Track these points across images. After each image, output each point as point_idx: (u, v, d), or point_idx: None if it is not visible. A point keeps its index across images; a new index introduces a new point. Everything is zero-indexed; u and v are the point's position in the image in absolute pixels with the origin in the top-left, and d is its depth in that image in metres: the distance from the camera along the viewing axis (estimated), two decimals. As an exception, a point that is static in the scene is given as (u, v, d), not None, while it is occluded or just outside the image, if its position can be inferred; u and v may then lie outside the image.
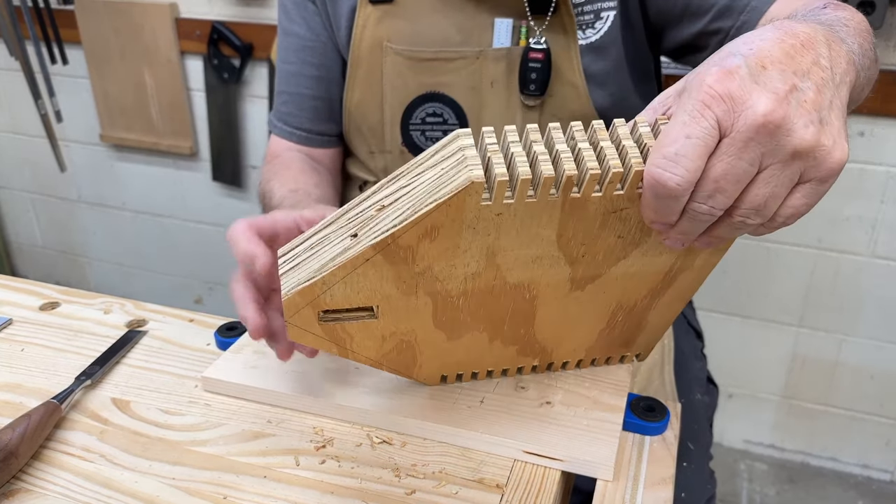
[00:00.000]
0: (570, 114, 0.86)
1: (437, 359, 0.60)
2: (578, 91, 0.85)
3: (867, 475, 1.81)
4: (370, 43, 0.88)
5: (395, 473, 0.58)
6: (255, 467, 0.59)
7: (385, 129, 0.91)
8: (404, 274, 0.49)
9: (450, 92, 0.87)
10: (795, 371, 1.76)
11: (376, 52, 0.88)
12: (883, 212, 1.55)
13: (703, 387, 0.95)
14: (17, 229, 2.47)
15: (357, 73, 0.90)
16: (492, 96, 0.86)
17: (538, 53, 0.83)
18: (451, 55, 0.86)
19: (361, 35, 0.88)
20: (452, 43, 0.86)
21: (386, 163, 0.94)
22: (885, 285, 1.61)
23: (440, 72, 0.87)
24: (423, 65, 0.87)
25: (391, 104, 0.89)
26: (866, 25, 0.61)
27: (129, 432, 0.62)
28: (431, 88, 0.87)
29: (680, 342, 0.92)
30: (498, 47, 0.85)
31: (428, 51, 0.86)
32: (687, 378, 0.91)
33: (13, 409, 0.65)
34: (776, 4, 0.75)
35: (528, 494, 0.56)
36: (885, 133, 1.48)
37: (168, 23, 1.85)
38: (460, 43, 0.86)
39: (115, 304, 0.82)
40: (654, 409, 0.64)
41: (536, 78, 0.84)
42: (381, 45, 0.88)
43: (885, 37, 1.40)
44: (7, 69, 2.12)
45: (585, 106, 0.86)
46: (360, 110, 0.92)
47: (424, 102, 0.88)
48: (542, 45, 0.83)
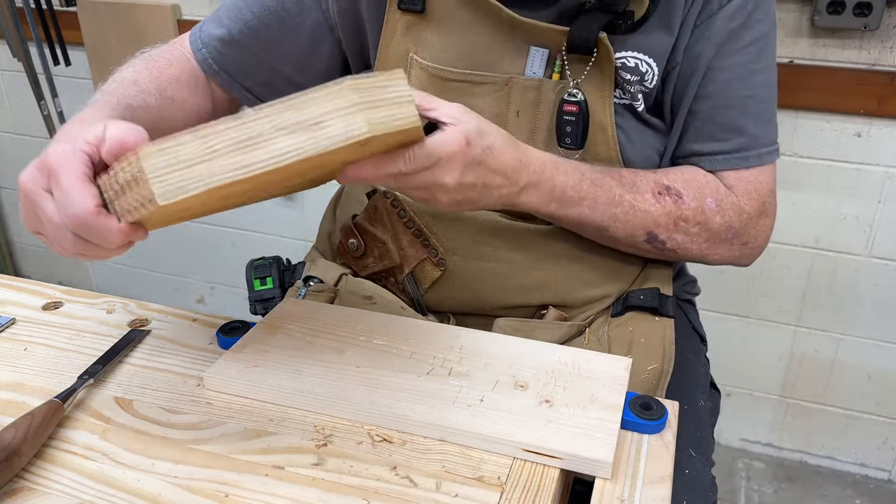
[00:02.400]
0: (596, 156, 0.84)
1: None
2: (607, 136, 0.82)
3: (864, 474, 1.82)
4: (397, 51, 0.85)
5: (395, 472, 0.59)
6: (257, 466, 0.59)
7: None
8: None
9: None
10: (793, 370, 1.77)
11: (402, 62, 0.85)
12: (880, 212, 1.55)
13: (706, 392, 0.94)
14: (19, 229, 2.48)
15: None
16: (515, 125, 0.83)
17: (572, 106, 0.80)
18: (478, 79, 0.82)
19: (389, 42, 0.85)
20: (481, 66, 0.82)
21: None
22: (882, 285, 1.62)
23: (465, 93, 0.83)
24: (448, 84, 0.83)
25: None
26: (651, 220, 0.81)
27: (132, 431, 0.63)
28: None
29: (683, 348, 0.90)
30: (529, 77, 0.81)
31: (455, 71, 0.83)
32: (690, 384, 0.90)
33: (16, 409, 0.65)
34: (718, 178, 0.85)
35: (527, 493, 0.57)
36: (882, 134, 1.49)
37: (170, 24, 1.86)
38: (490, 66, 0.82)
39: (117, 304, 0.82)
40: (652, 407, 0.64)
41: (571, 132, 0.81)
42: (407, 55, 0.85)
43: (882, 38, 1.41)
44: (10, 70, 2.13)
45: (612, 151, 0.83)
46: None
47: None
48: (577, 98, 0.80)
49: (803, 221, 1.61)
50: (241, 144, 0.52)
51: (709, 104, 0.82)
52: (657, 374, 0.83)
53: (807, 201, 1.59)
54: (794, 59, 1.47)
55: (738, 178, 0.85)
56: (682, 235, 0.83)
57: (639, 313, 0.88)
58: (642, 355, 0.83)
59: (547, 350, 0.71)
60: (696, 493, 0.78)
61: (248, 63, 0.93)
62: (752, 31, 0.80)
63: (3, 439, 0.57)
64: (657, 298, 0.88)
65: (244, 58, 0.93)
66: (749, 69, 0.81)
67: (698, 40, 0.80)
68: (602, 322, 0.89)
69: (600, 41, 0.77)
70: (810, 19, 1.42)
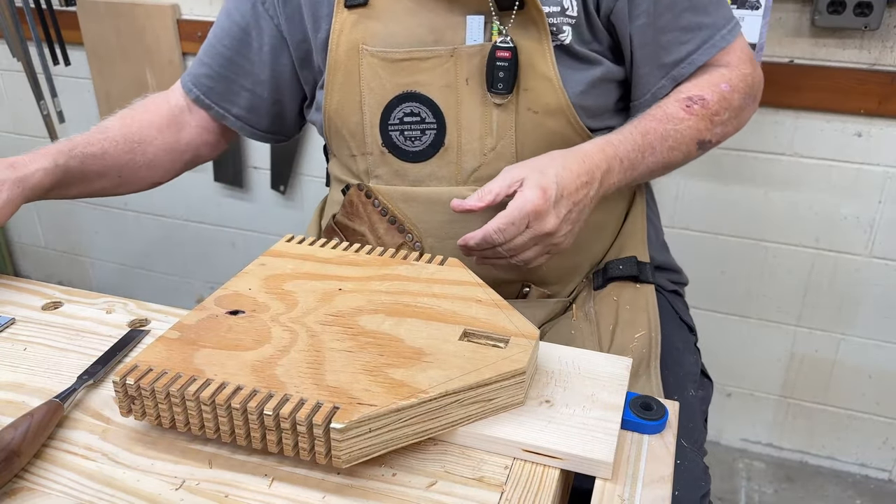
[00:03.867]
0: (545, 107, 0.87)
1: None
2: (553, 84, 0.86)
3: (865, 474, 1.82)
4: (347, 47, 0.89)
5: (394, 472, 0.59)
6: (257, 466, 0.59)
7: (365, 131, 0.92)
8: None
9: (426, 91, 0.88)
10: (793, 370, 1.77)
11: (353, 56, 0.89)
12: (880, 212, 1.55)
13: (697, 382, 0.95)
14: (19, 230, 2.48)
15: (335, 78, 0.91)
16: (467, 93, 0.88)
17: (505, 52, 0.84)
18: (424, 54, 0.87)
19: (338, 40, 0.89)
20: (426, 43, 0.87)
21: (367, 165, 0.95)
22: (882, 285, 1.62)
23: (415, 71, 0.88)
24: (397, 65, 0.88)
25: (369, 105, 0.90)
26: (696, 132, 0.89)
27: (131, 431, 0.63)
28: (407, 88, 0.89)
29: (671, 337, 0.92)
30: (471, 44, 0.86)
31: (401, 51, 0.87)
32: (680, 374, 0.92)
33: (16, 409, 0.65)
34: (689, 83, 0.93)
35: (527, 493, 0.57)
36: (883, 133, 1.49)
37: (170, 24, 1.86)
38: (433, 42, 0.87)
39: (117, 304, 0.82)
40: (652, 407, 0.64)
41: (504, 77, 0.85)
42: (358, 48, 0.89)
43: (882, 37, 1.41)
44: (9, 70, 2.13)
45: (561, 99, 0.87)
46: (340, 114, 0.93)
47: (402, 102, 0.89)
48: (509, 44, 0.84)
49: (804, 221, 1.61)
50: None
51: (667, 17, 0.88)
52: (646, 342, 0.85)
53: (807, 201, 1.59)
54: (794, 58, 1.47)
55: (723, 57, 0.93)
56: (720, 128, 0.91)
57: (620, 283, 0.93)
58: (628, 324, 0.88)
59: (547, 350, 0.71)
60: (688, 482, 0.78)
61: (232, 91, 1.02)
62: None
63: (3, 439, 0.57)
64: (636, 266, 0.94)
65: (228, 87, 1.02)
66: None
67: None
68: (586, 296, 0.94)
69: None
70: (811, 19, 1.41)
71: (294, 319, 0.67)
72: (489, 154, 0.89)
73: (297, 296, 0.71)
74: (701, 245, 1.69)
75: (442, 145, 0.90)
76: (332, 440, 0.54)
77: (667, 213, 1.68)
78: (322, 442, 0.55)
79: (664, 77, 0.91)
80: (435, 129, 0.90)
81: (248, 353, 0.62)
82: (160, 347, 0.63)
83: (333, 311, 0.68)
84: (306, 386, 0.58)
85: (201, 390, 0.57)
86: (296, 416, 0.55)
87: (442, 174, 0.91)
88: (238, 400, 0.56)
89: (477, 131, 0.89)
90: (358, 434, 0.55)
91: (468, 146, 0.90)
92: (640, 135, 0.86)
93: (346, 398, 0.56)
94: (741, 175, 1.60)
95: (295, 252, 0.80)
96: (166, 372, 0.59)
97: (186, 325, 0.66)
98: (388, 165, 0.93)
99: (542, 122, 0.88)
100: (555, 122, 0.88)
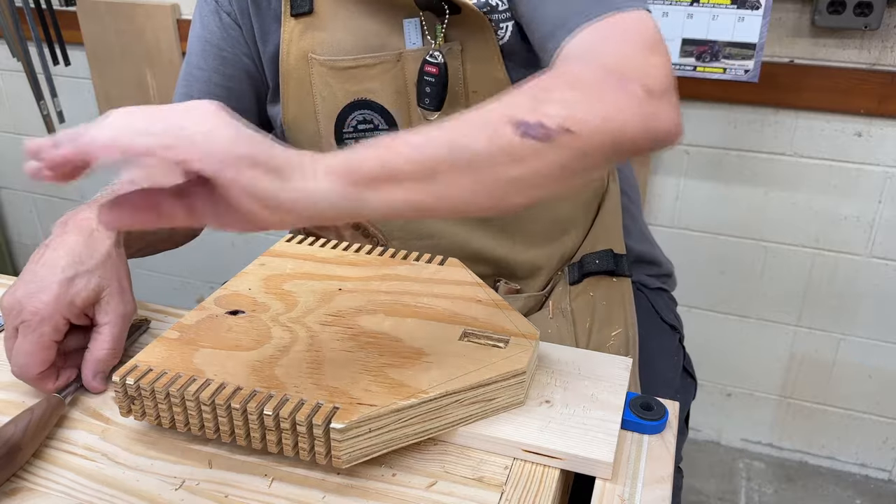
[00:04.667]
0: None
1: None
2: (504, 85, 0.83)
3: (865, 474, 1.82)
4: (296, 56, 0.88)
5: (394, 472, 0.59)
6: (257, 466, 0.59)
7: (321, 140, 0.91)
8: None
9: (376, 98, 0.87)
10: (793, 370, 1.77)
11: (303, 65, 0.88)
12: (880, 212, 1.55)
13: (674, 386, 0.94)
14: (19, 229, 2.48)
15: (289, 89, 0.90)
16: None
17: (433, 67, 0.82)
18: (370, 61, 0.85)
19: (288, 49, 0.88)
20: (372, 48, 0.85)
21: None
22: (882, 285, 1.62)
23: (363, 78, 0.86)
24: (346, 73, 0.86)
25: (323, 115, 0.89)
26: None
27: (131, 431, 0.63)
28: (359, 96, 0.87)
29: (648, 342, 0.91)
30: (412, 48, 0.84)
31: (349, 59, 0.85)
32: (655, 381, 0.91)
33: (15, 408, 0.65)
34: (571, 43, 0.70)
35: (527, 493, 0.57)
36: (883, 133, 1.49)
37: (170, 24, 1.86)
38: (379, 48, 0.85)
39: (117, 305, 0.82)
40: (652, 407, 0.64)
41: (430, 92, 0.83)
42: (307, 56, 0.87)
43: (883, 37, 1.41)
44: (9, 70, 2.13)
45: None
46: (296, 124, 0.92)
47: (354, 110, 0.88)
48: (438, 60, 0.82)
49: (803, 221, 1.61)
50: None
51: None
52: (623, 340, 0.84)
53: (807, 201, 1.59)
54: (794, 58, 1.47)
55: (599, 28, 0.67)
56: (556, 106, 0.55)
57: (596, 277, 0.90)
58: (605, 321, 0.85)
59: (547, 350, 0.71)
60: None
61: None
62: None
63: (4, 434, 0.57)
64: (612, 260, 0.91)
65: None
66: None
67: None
68: (562, 293, 0.91)
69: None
70: (811, 19, 1.41)
71: (294, 319, 0.67)
72: None
73: (297, 296, 0.71)
74: (701, 245, 1.69)
75: None
76: (332, 440, 0.54)
77: (667, 213, 1.68)
78: (322, 442, 0.55)
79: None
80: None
81: (248, 354, 0.62)
82: (160, 347, 0.63)
83: (333, 311, 0.68)
84: (306, 386, 0.58)
85: (201, 390, 0.57)
86: (295, 416, 0.55)
87: None
88: (238, 400, 0.56)
89: None
90: (358, 434, 0.55)
91: None
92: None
93: (346, 398, 0.56)
94: (741, 175, 1.60)
95: (295, 252, 0.80)
96: (166, 372, 0.59)
97: (186, 325, 0.66)
98: None
99: None
100: None
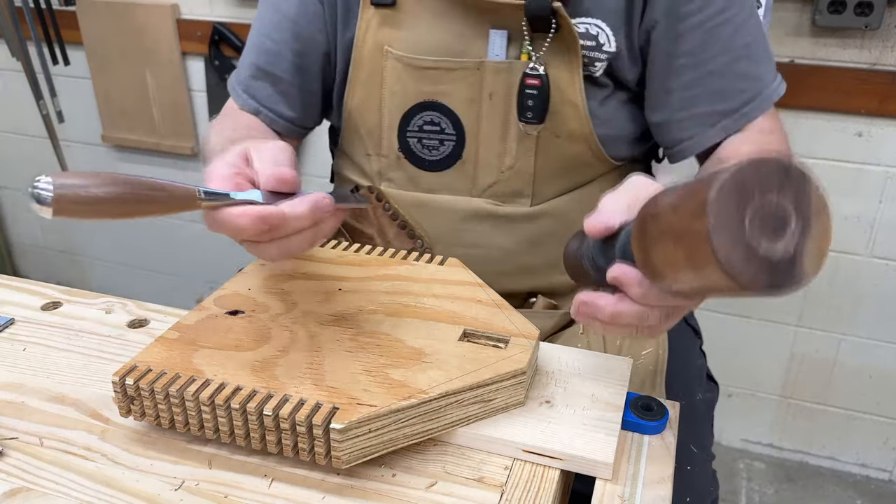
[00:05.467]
0: (569, 133, 0.85)
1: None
2: (579, 111, 0.83)
3: (865, 474, 1.82)
4: (371, 46, 0.87)
5: (395, 473, 0.58)
6: (256, 466, 0.59)
7: (383, 134, 0.90)
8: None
9: (448, 102, 0.86)
10: (794, 370, 1.77)
11: (377, 56, 0.87)
12: (881, 212, 1.55)
13: (704, 386, 0.94)
14: (18, 229, 2.48)
15: (359, 75, 0.89)
16: (490, 109, 0.85)
17: (534, 79, 0.81)
18: (451, 65, 0.84)
19: (364, 37, 0.87)
20: (453, 52, 0.84)
21: (381, 167, 0.92)
22: (883, 285, 1.62)
23: (439, 81, 0.85)
24: (422, 73, 0.85)
25: (390, 109, 0.89)
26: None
27: (131, 431, 0.63)
28: (430, 97, 0.86)
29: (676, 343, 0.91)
30: (495, 60, 0.83)
31: (428, 59, 0.84)
32: (687, 379, 0.91)
33: (15, 409, 0.65)
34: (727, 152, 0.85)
35: (527, 493, 0.57)
36: (883, 133, 1.49)
37: (169, 24, 1.86)
38: (460, 53, 0.84)
39: (116, 304, 0.82)
40: (652, 408, 0.64)
41: (533, 105, 0.82)
42: (382, 49, 0.86)
43: (883, 37, 1.40)
44: (9, 69, 2.13)
45: (584, 126, 0.84)
46: (360, 112, 0.91)
47: (422, 110, 0.87)
48: (539, 72, 0.81)
49: (804, 221, 1.60)
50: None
51: (721, 60, 0.82)
52: (653, 359, 0.84)
53: (807, 201, 1.59)
54: (794, 58, 1.47)
55: (767, 120, 0.85)
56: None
57: None
58: (636, 339, 0.85)
59: (547, 350, 0.71)
60: (698, 488, 0.78)
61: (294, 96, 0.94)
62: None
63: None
64: None
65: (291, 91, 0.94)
66: (741, 17, 0.82)
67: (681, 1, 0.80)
68: None
69: (557, 12, 0.78)
70: (811, 19, 1.41)
71: (294, 319, 0.67)
72: (506, 172, 0.87)
73: (297, 296, 0.71)
74: (701, 245, 1.68)
75: (459, 158, 0.88)
76: (331, 440, 0.54)
77: (667, 213, 1.68)
78: (322, 442, 0.55)
79: (713, 126, 0.85)
80: (454, 141, 0.87)
81: (248, 354, 0.62)
82: (159, 347, 0.63)
83: (333, 312, 0.68)
84: (306, 386, 0.58)
85: (201, 390, 0.57)
86: (295, 416, 0.55)
87: (456, 185, 0.89)
88: (237, 400, 0.56)
89: (496, 148, 0.87)
90: (358, 434, 0.55)
91: (485, 161, 0.87)
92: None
93: (346, 398, 0.56)
94: (741, 175, 1.60)
95: None
96: (165, 372, 0.59)
97: (186, 325, 0.66)
98: (403, 170, 0.91)
99: (562, 146, 0.86)
100: (576, 147, 0.86)
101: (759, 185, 0.43)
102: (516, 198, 0.89)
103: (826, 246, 0.45)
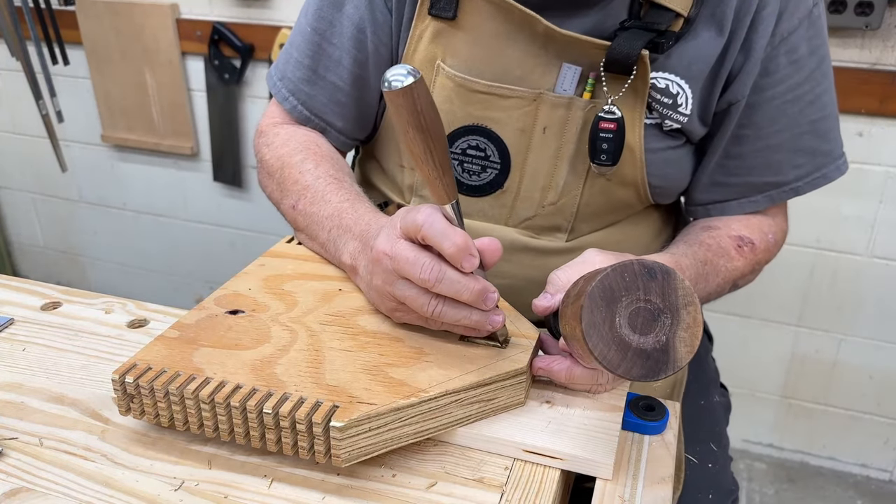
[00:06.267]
0: (621, 177, 0.81)
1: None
2: (635, 156, 0.80)
3: (866, 474, 1.81)
4: (423, 57, 0.81)
5: (395, 473, 0.58)
6: (256, 466, 0.59)
7: None
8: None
9: (498, 129, 0.81)
10: (794, 370, 1.77)
11: (427, 69, 0.81)
12: (881, 212, 1.55)
13: (719, 388, 0.94)
14: (18, 229, 2.48)
15: None
16: (540, 143, 0.80)
17: (610, 123, 0.77)
18: (505, 92, 0.79)
19: (416, 47, 0.81)
20: (510, 79, 0.79)
21: (415, 181, 0.88)
22: (883, 285, 1.62)
23: (491, 107, 0.80)
24: (474, 96, 0.80)
25: None
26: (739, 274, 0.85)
27: (130, 432, 0.63)
28: (479, 122, 0.81)
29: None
30: (559, 94, 0.78)
31: (482, 82, 0.79)
32: (705, 380, 0.90)
33: (14, 409, 0.65)
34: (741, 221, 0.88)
35: (527, 493, 0.56)
36: (884, 133, 1.49)
37: (169, 23, 1.86)
38: (518, 80, 0.79)
39: (116, 304, 0.82)
40: (653, 408, 0.64)
41: (608, 148, 0.78)
42: (434, 62, 0.80)
43: (884, 37, 1.40)
44: (8, 69, 2.13)
45: (637, 172, 0.81)
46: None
47: (469, 134, 0.82)
48: (615, 115, 0.77)
49: (804, 221, 1.61)
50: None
51: (785, 135, 0.82)
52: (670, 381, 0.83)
53: (808, 201, 1.57)
54: (795, 58, 1.47)
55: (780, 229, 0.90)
56: (753, 274, 0.89)
57: None
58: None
59: (548, 350, 0.71)
60: (722, 485, 0.78)
61: (349, 107, 0.89)
62: (815, 56, 0.80)
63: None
64: None
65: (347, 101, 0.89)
66: (816, 92, 0.81)
67: (767, 72, 0.79)
68: None
69: (641, 60, 0.74)
70: (811, 19, 1.41)
71: (294, 319, 0.67)
72: (547, 207, 0.84)
73: (297, 296, 0.71)
74: (701, 245, 1.69)
75: (500, 187, 0.83)
76: (331, 439, 0.54)
77: (667, 213, 1.68)
78: (321, 441, 0.55)
79: (760, 194, 0.86)
80: (497, 169, 0.83)
81: (248, 353, 0.62)
82: (159, 346, 0.63)
83: (333, 311, 0.68)
84: (306, 385, 0.58)
85: (200, 389, 0.57)
86: (295, 414, 0.55)
87: (492, 213, 0.85)
88: (237, 398, 0.56)
89: (541, 182, 0.82)
90: (357, 433, 0.55)
91: (527, 194, 0.83)
92: (700, 263, 0.80)
93: (346, 397, 0.56)
94: (742, 175, 1.60)
95: (295, 253, 0.80)
96: (165, 370, 0.59)
97: (186, 324, 0.66)
98: None
99: (611, 189, 0.83)
100: (624, 191, 0.83)
101: (626, 288, 0.51)
102: (554, 232, 0.86)
103: (698, 332, 0.52)
